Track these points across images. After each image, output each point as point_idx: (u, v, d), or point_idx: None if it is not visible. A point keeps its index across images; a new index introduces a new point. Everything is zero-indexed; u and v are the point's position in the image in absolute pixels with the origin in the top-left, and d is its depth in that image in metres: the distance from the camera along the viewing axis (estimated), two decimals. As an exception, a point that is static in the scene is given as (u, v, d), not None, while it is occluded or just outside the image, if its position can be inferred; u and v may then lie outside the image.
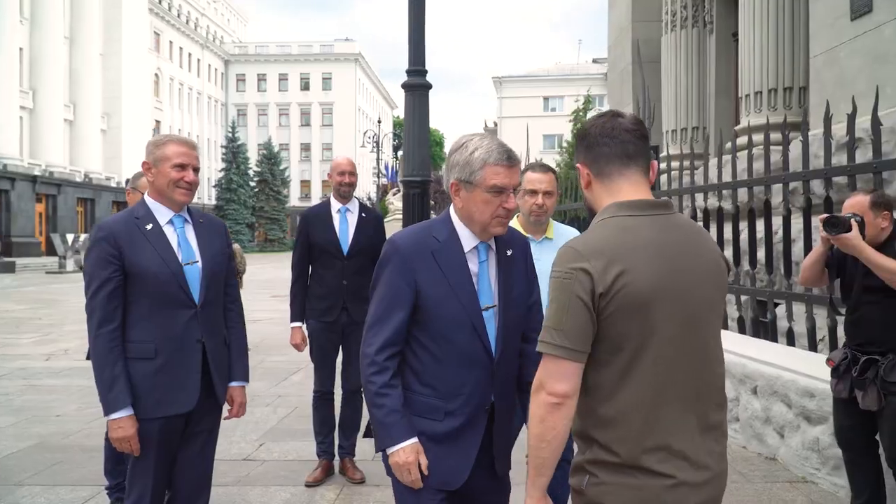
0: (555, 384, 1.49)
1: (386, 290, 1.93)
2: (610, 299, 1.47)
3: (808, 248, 4.65)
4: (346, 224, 4.12)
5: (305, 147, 65.96)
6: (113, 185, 41.70)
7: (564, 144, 28.52)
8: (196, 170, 2.54)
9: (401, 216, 21.79)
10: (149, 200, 2.53)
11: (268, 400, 6.08)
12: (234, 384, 2.70)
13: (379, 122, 33.25)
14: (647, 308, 1.48)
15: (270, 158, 54.71)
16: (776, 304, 5.12)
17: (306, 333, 4.19)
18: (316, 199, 65.28)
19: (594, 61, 59.16)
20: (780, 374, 4.11)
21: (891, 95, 5.22)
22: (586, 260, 1.49)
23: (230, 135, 53.92)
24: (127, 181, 4.44)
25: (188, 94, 58.52)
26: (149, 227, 2.46)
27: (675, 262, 1.53)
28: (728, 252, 5.95)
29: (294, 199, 62.95)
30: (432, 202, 23.17)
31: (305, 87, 66.25)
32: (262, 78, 66.37)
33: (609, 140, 1.60)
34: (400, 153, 27.06)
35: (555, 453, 1.52)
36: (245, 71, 66.40)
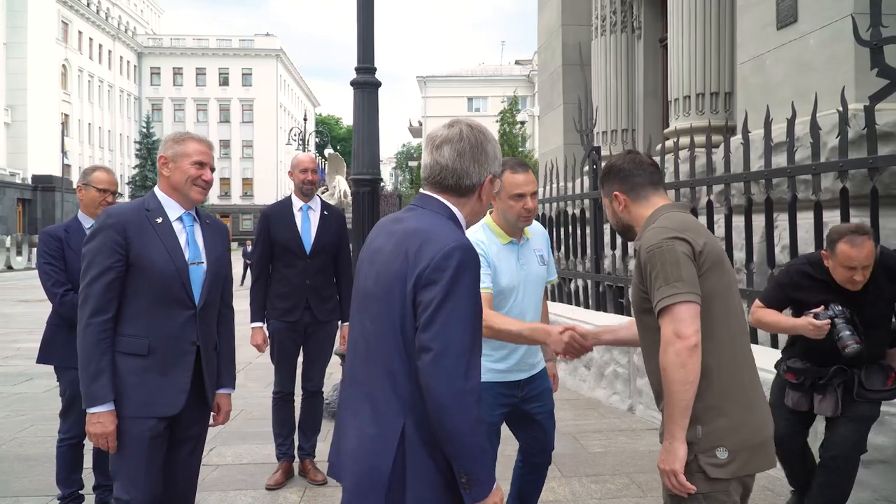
0: (688, 328, 1.79)
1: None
2: (704, 259, 1.88)
3: (748, 247, 4.89)
4: (308, 222, 4.04)
5: (225, 144, 64.14)
6: (18, 181, 39.42)
7: (491, 144, 28.97)
8: (212, 170, 2.52)
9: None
10: (160, 194, 2.45)
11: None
12: (221, 391, 2.63)
13: (305, 119, 32.71)
14: (724, 265, 1.94)
15: (188, 155, 52.88)
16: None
17: (267, 334, 4.09)
18: (236, 197, 63.72)
19: (517, 63, 60.16)
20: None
21: (812, 102, 5.51)
22: (679, 232, 1.90)
23: (144, 130, 51.90)
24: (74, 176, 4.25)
25: (98, 87, 55.94)
26: (159, 220, 2.38)
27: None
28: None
29: (213, 198, 61.16)
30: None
31: (224, 82, 64.47)
32: (178, 72, 64.16)
33: (641, 171, 2.09)
34: (328, 151, 26.76)
35: (693, 395, 1.81)
36: (160, 64, 64.02)
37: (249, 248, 25.57)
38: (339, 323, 4.23)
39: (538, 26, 14.56)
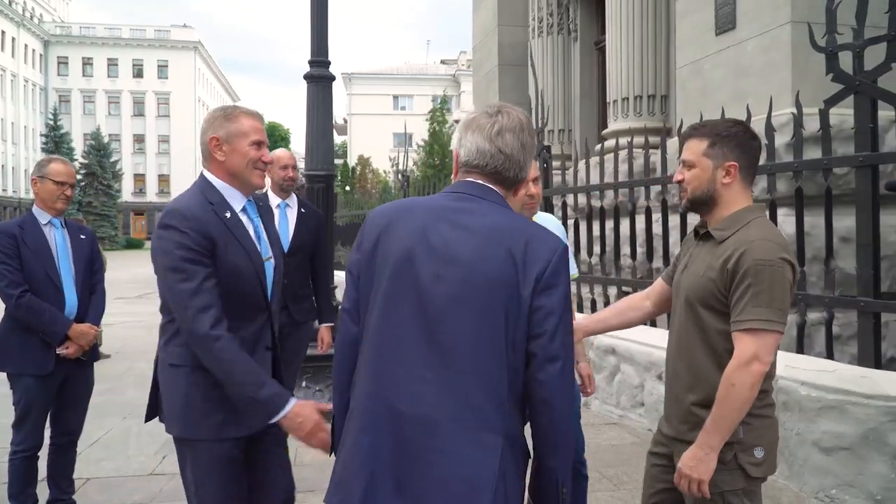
0: (769, 356, 1.83)
1: None
2: (795, 285, 1.90)
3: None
4: (286, 220, 3.91)
5: (139, 139, 61.73)
6: None
7: (421, 143, 28.83)
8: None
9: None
10: (217, 182, 2.13)
11: (153, 409, 5.62)
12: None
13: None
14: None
15: (99, 150, 50.51)
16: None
17: None
18: (151, 195, 61.33)
19: (443, 62, 60.39)
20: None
21: (752, 105, 5.73)
22: (788, 254, 1.87)
23: (51, 122, 49.25)
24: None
25: (0, 77, 52.71)
26: (227, 215, 2.08)
27: None
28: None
29: (127, 195, 58.69)
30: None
31: (139, 74, 61.94)
32: (88, 62, 61.20)
33: (758, 155, 2.03)
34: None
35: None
36: (68, 54, 60.87)
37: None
38: (316, 324, 4.10)
39: (473, 25, 14.62)
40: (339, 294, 5.93)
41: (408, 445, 1.46)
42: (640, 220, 5.92)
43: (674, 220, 5.59)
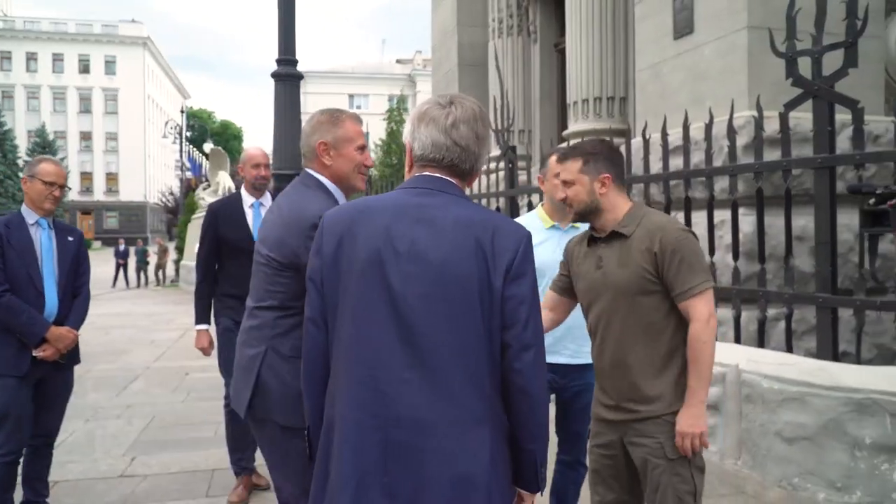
0: (713, 309, 2.14)
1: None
2: None
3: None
4: (259, 219, 3.81)
5: (86, 136, 59.90)
6: None
7: (379, 142, 28.77)
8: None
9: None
10: (332, 188, 2.18)
11: (116, 412, 5.52)
12: None
13: (182, 112, 31.14)
14: None
15: (44, 147, 48.76)
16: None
17: (214, 336, 3.83)
18: (99, 193, 59.68)
19: (398, 61, 60.24)
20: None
21: (708, 108, 5.90)
22: (685, 227, 2.24)
23: (-7, 119, 47.44)
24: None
25: (-62, 71, 50.69)
26: None
27: None
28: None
29: (73, 194, 56.93)
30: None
31: (85, 69, 60.13)
32: (31, 57, 59.10)
33: (622, 164, 2.33)
34: (209, 146, 25.54)
35: None
36: (10, 48, 58.67)
37: (122, 247, 24.05)
38: None
39: (432, 25, 14.65)
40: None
41: (396, 449, 1.45)
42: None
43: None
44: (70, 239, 3.28)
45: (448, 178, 1.59)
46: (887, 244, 5.94)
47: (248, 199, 3.92)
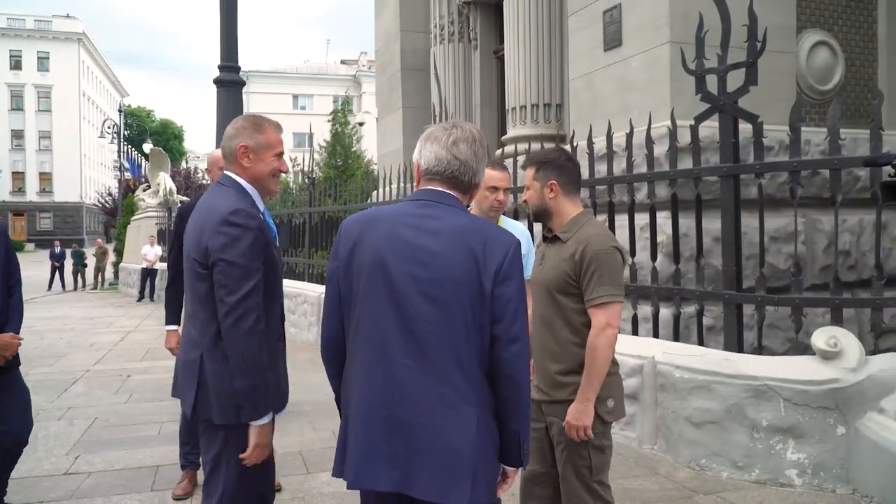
0: (617, 321, 2.36)
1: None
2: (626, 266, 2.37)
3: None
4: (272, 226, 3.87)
5: (18, 134, 57.69)
6: None
7: (324, 143, 28.56)
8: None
9: (154, 213, 20.13)
10: (248, 188, 2.28)
11: (58, 413, 5.54)
12: None
13: (120, 111, 30.41)
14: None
15: (-27, 146, 47.04)
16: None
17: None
18: (32, 193, 57.61)
19: (343, 62, 60.00)
20: (579, 349, 4.84)
21: (636, 117, 6.26)
22: (615, 242, 2.43)
23: (-83, 116, 45.43)
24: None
25: None
26: (261, 216, 2.33)
27: None
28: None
29: (4, 194, 54.93)
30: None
31: (16, 66, 57.95)
32: (-42, 52, 56.80)
33: (575, 171, 2.56)
34: (149, 147, 25.04)
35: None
36: (-65, 42, 56.30)
37: (58, 250, 23.43)
38: None
39: (376, 29, 14.81)
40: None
41: (397, 425, 1.70)
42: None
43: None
44: None
45: (449, 190, 1.83)
46: (798, 244, 6.45)
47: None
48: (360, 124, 28.94)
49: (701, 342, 4.55)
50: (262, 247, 2.16)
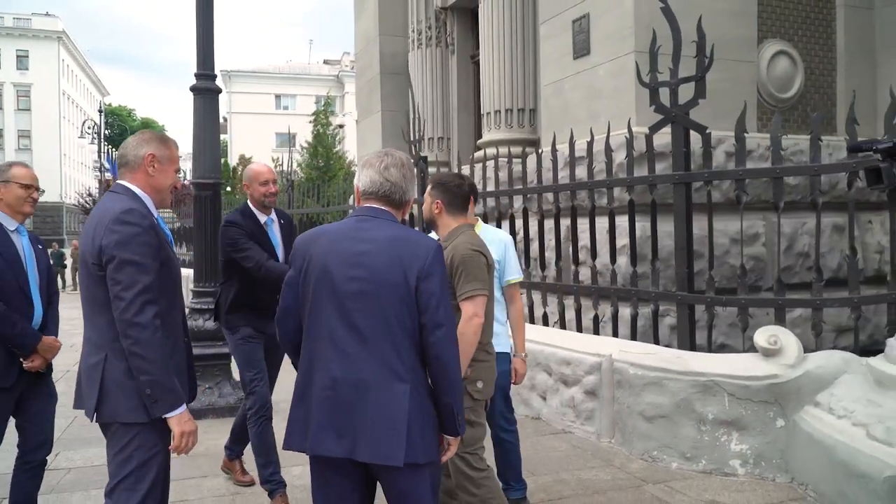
0: (481, 311, 2.69)
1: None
2: (489, 266, 2.86)
3: (557, 247, 5.73)
4: (275, 236, 3.89)
5: (-4, 133, 57.17)
6: None
7: (305, 144, 28.66)
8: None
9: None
10: (142, 195, 2.37)
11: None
12: None
13: (100, 111, 30.30)
14: (491, 269, 2.92)
15: (-50, 145, 46.51)
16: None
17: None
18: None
19: (325, 62, 59.98)
20: (542, 348, 5.06)
21: (604, 124, 6.47)
22: (478, 247, 2.81)
23: None
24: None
25: None
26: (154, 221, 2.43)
27: None
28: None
29: (-18, 194, 54.28)
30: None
31: (-5, 64, 57.43)
32: (-65, 50, 56.11)
33: (460, 195, 2.98)
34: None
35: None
36: (-89, 40, 55.60)
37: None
38: None
39: (355, 32, 14.96)
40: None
41: (342, 403, 2.01)
42: (518, 223, 6.49)
43: (549, 223, 6.15)
44: (40, 246, 3.26)
45: (384, 207, 2.17)
46: (759, 247, 6.72)
47: (261, 217, 3.86)
48: (340, 126, 29.04)
49: (657, 341, 4.79)
50: (155, 245, 2.24)
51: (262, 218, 3.87)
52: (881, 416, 3.26)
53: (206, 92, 5.73)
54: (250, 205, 3.87)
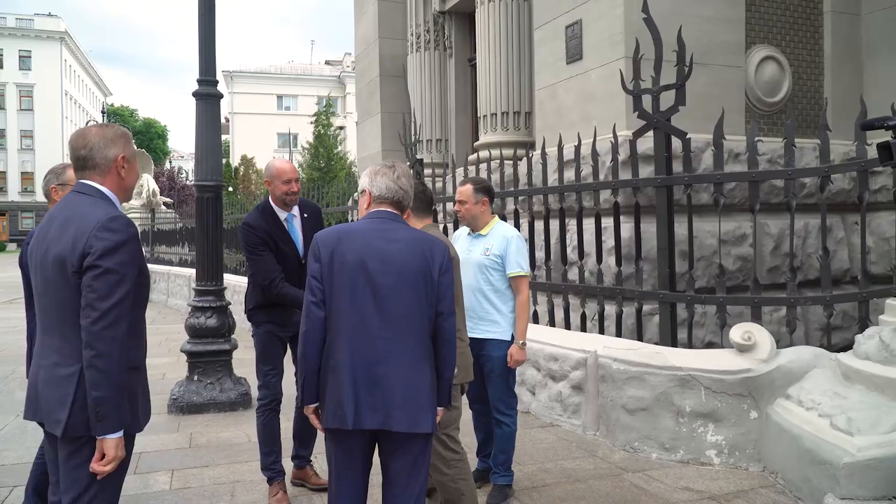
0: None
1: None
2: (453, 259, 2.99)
3: (546, 247, 5.92)
4: (295, 231, 3.94)
5: (-1, 134, 57.48)
6: None
7: (306, 145, 28.85)
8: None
9: (137, 214, 20.15)
10: (112, 196, 2.31)
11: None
12: None
13: (103, 112, 30.51)
14: (458, 267, 3.15)
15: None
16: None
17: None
18: (14, 193, 57.35)
19: (327, 63, 60.21)
20: (531, 345, 5.25)
21: (596, 127, 6.68)
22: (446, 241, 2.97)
23: None
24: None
25: None
26: None
27: None
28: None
29: (-15, 193, 54.69)
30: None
31: (-2, 64, 57.72)
32: (-62, 50, 56.42)
33: (419, 201, 3.15)
34: (132, 148, 25.10)
35: None
36: (-84, 41, 55.90)
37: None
38: None
39: (355, 35, 15.17)
40: (227, 294, 6.39)
41: (374, 380, 2.29)
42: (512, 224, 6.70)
43: (539, 224, 6.34)
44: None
45: (395, 210, 2.48)
46: (746, 247, 6.90)
47: (281, 213, 3.90)
48: (340, 128, 29.22)
49: (640, 337, 4.98)
50: (138, 255, 2.20)
51: (283, 215, 3.89)
52: (844, 408, 3.45)
53: (208, 97, 5.92)
54: (271, 201, 3.89)
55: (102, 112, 30.58)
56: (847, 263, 7.52)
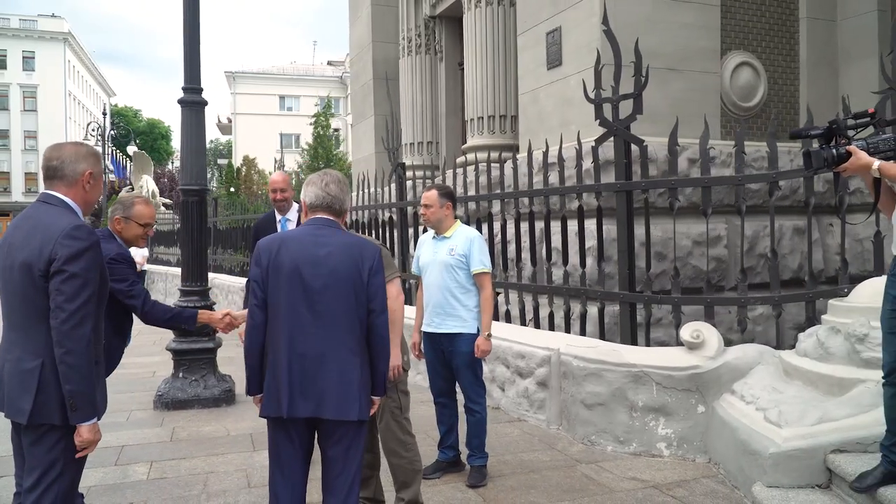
0: (401, 290, 3.20)
1: None
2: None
3: (531, 248, 6.12)
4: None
5: (3, 134, 57.66)
6: None
7: (305, 146, 29.09)
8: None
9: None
10: (76, 207, 2.50)
11: None
12: None
13: (105, 114, 30.77)
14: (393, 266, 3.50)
15: (-42, 146, 47.02)
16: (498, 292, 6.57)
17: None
18: (17, 193, 57.71)
19: (329, 63, 60.41)
20: (500, 343, 5.45)
21: (574, 131, 6.84)
22: (384, 247, 3.14)
23: None
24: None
25: None
26: None
27: None
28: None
29: (-10, 194, 55.04)
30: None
31: (1, 65, 57.84)
32: (-58, 51, 56.80)
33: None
34: (133, 150, 25.53)
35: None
36: (-79, 41, 56.29)
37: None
38: None
39: (350, 38, 15.38)
40: (213, 294, 6.60)
41: (307, 373, 2.52)
42: (496, 226, 6.87)
43: (511, 227, 6.56)
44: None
45: (329, 217, 2.69)
46: (721, 248, 7.09)
47: (277, 216, 4.73)
48: (336, 130, 29.45)
49: (602, 336, 5.18)
50: (99, 261, 2.40)
51: (278, 217, 4.69)
52: (779, 402, 3.66)
53: (192, 105, 6.14)
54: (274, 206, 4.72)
55: (104, 113, 30.79)
56: (822, 264, 7.70)
